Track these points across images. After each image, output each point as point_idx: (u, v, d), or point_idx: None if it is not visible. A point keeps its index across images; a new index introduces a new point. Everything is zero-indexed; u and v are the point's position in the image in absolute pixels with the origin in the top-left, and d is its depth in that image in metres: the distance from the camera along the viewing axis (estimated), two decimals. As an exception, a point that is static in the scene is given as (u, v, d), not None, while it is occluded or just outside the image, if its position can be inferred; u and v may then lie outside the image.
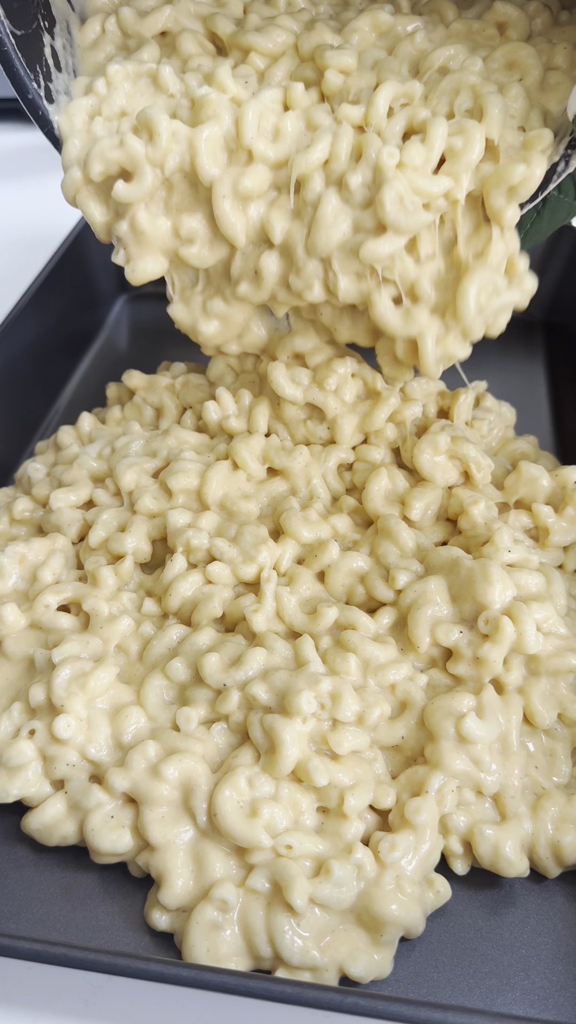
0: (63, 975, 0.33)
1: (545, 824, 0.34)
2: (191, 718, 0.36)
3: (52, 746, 0.35)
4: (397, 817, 0.34)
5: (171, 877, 0.33)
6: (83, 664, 0.37)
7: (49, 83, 0.41)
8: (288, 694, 0.34)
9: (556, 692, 0.37)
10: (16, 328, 0.56)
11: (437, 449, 0.45)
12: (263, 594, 0.39)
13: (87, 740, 0.35)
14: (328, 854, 0.33)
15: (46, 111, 0.40)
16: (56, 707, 0.36)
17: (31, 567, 0.42)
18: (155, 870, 0.33)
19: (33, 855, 0.36)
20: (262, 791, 0.33)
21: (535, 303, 0.67)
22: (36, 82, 0.40)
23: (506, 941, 0.33)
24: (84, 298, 0.66)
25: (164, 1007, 0.32)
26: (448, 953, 0.33)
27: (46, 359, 0.59)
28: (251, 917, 0.32)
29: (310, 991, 0.28)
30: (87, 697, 0.36)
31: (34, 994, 0.33)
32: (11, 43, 0.38)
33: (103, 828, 0.34)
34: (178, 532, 0.42)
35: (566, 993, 0.32)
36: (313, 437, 0.47)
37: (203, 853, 0.33)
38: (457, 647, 0.37)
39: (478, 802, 0.35)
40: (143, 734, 0.36)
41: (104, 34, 0.43)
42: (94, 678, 0.36)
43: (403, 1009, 0.28)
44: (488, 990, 0.32)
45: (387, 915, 0.31)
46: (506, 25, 0.42)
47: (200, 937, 0.31)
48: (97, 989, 0.33)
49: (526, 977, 0.32)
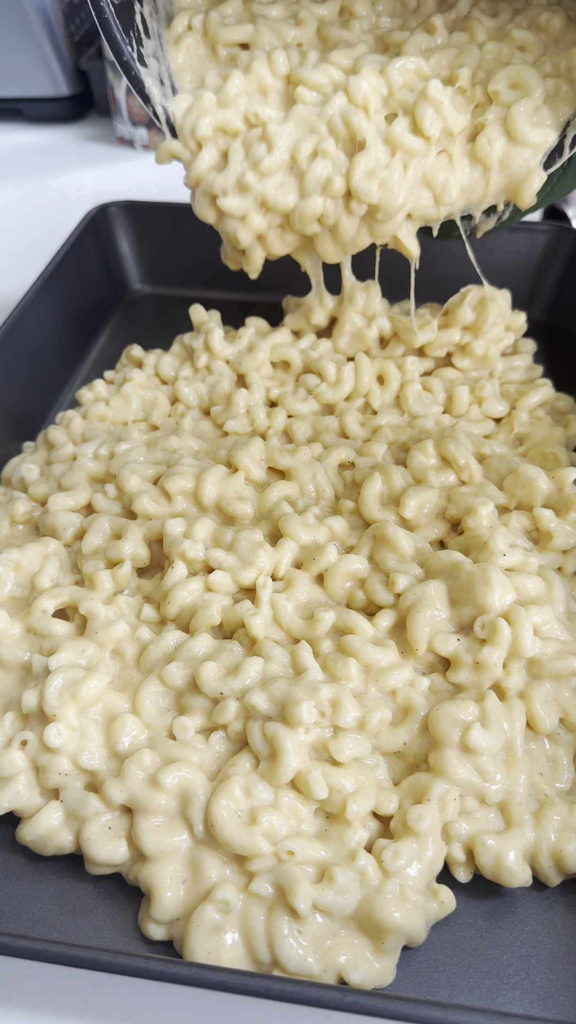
0: (63, 974, 0.33)
1: (548, 832, 0.34)
2: (188, 728, 0.36)
3: (44, 755, 0.35)
4: (399, 824, 0.34)
5: (160, 890, 0.32)
6: (75, 672, 0.36)
7: (140, 48, 0.46)
8: (288, 704, 0.34)
9: (558, 697, 0.37)
10: (17, 328, 0.56)
11: (427, 453, 0.46)
12: (259, 600, 0.39)
13: (79, 748, 0.35)
14: (331, 860, 0.32)
15: (138, 72, 0.45)
16: (48, 716, 0.35)
17: (27, 574, 0.42)
18: (144, 884, 0.33)
19: (29, 864, 0.35)
20: (260, 799, 0.33)
21: (535, 305, 0.67)
22: (130, 46, 0.45)
23: (506, 941, 0.33)
24: (85, 299, 0.66)
25: (164, 1006, 0.32)
26: (448, 952, 0.33)
27: (47, 360, 0.59)
28: (252, 921, 0.32)
29: (310, 990, 0.28)
30: (79, 707, 0.36)
31: (34, 993, 0.33)
32: (111, 11, 0.43)
33: (100, 838, 0.34)
34: (174, 543, 0.42)
35: (566, 993, 0.32)
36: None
37: (200, 860, 0.33)
38: (456, 655, 0.37)
39: (481, 810, 0.35)
40: (139, 743, 0.36)
41: (190, 29, 0.48)
42: (86, 687, 0.36)
43: (403, 1008, 0.28)
44: (488, 989, 0.32)
45: (389, 922, 0.31)
46: (524, 47, 0.46)
47: (201, 940, 0.31)
48: (97, 988, 0.33)
49: (526, 977, 0.32)
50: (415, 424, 0.52)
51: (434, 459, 0.46)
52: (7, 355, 0.54)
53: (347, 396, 0.54)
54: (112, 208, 0.69)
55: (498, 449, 0.50)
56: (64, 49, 0.95)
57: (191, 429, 0.52)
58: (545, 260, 0.67)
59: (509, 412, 0.54)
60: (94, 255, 0.68)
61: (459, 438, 0.47)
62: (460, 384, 0.54)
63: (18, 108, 1.01)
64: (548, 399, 0.53)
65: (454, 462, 0.46)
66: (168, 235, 0.70)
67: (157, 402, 0.55)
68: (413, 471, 0.46)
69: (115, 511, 0.45)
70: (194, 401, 0.55)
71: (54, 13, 0.93)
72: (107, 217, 0.69)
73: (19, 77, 0.96)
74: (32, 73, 0.95)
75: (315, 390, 0.54)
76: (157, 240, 0.70)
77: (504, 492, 0.45)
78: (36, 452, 0.52)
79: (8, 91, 0.98)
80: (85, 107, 1.03)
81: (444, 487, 0.45)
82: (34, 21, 0.90)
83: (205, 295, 0.70)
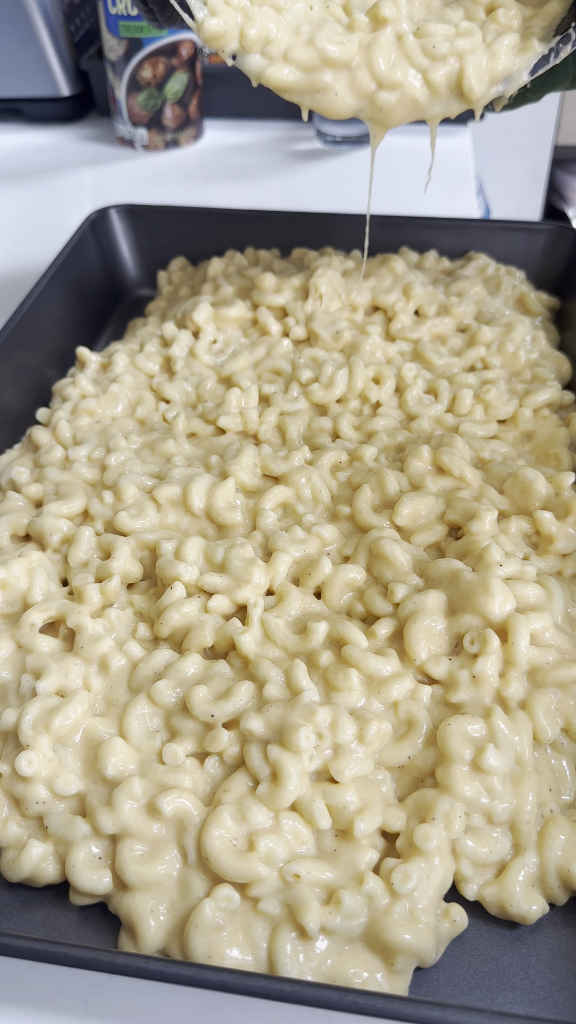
0: (63, 974, 0.33)
1: (555, 852, 0.33)
2: (178, 755, 0.35)
3: (18, 785, 0.34)
4: (406, 843, 0.33)
5: (143, 924, 0.32)
6: (52, 701, 0.36)
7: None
8: (285, 731, 0.34)
9: (562, 706, 0.37)
10: (17, 330, 0.56)
11: (423, 459, 0.46)
12: (249, 619, 0.39)
13: (53, 775, 0.34)
14: (338, 883, 0.32)
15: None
16: (22, 744, 0.35)
17: (13, 591, 0.41)
18: (124, 916, 0.32)
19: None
20: (258, 822, 0.33)
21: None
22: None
23: (506, 940, 0.33)
24: (85, 302, 0.66)
25: (164, 1007, 0.32)
26: (448, 952, 0.33)
27: (47, 361, 0.59)
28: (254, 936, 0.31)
29: (310, 989, 0.28)
30: (52, 738, 0.35)
31: (34, 993, 0.33)
32: None
33: (85, 866, 0.33)
34: (167, 566, 0.41)
35: (566, 993, 0.31)
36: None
37: (189, 882, 0.32)
38: (451, 674, 0.37)
39: (488, 828, 0.34)
40: (127, 767, 0.35)
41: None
42: (62, 716, 0.35)
43: (403, 1008, 0.28)
44: (488, 989, 0.32)
45: (400, 944, 0.30)
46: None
47: (201, 939, 0.31)
48: (97, 989, 0.33)
49: (526, 977, 0.32)
50: (411, 427, 0.51)
51: (431, 464, 0.46)
52: (7, 356, 0.54)
53: (339, 398, 0.53)
54: (112, 211, 0.69)
55: (502, 449, 0.50)
56: (64, 49, 0.95)
57: (184, 429, 0.52)
58: (545, 260, 0.67)
59: (515, 410, 0.53)
60: (94, 258, 0.68)
61: (456, 444, 0.47)
62: (465, 387, 0.53)
63: (18, 108, 1.01)
64: (555, 399, 0.53)
65: (449, 472, 0.45)
66: (168, 238, 0.70)
67: (143, 398, 0.55)
68: (410, 476, 0.46)
69: (109, 516, 0.45)
70: (180, 398, 0.55)
71: (54, 13, 0.93)
72: (107, 220, 0.69)
73: (19, 77, 0.96)
74: (32, 73, 0.95)
75: (307, 388, 0.54)
76: (157, 243, 0.70)
77: (504, 495, 0.45)
78: (23, 455, 0.52)
79: (8, 91, 0.98)
80: (85, 107, 1.03)
81: (443, 492, 0.45)
82: (34, 21, 0.90)
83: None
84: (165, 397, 0.55)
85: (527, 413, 0.52)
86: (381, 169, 0.65)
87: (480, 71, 0.45)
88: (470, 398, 0.52)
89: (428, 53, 0.45)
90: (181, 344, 0.58)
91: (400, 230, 0.68)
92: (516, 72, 0.46)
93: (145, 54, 0.87)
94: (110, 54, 0.88)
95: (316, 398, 0.53)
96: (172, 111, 0.92)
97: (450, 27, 0.45)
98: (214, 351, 0.58)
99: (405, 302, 0.60)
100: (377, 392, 0.53)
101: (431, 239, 0.68)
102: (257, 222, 0.70)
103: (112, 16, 0.85)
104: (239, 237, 0.70)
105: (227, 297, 0.61)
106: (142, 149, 0.95)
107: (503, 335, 0.57)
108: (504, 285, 0.63)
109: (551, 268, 0.66)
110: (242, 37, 0.44)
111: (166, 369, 0.58)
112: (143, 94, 0.90)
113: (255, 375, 0.56)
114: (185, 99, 0.92)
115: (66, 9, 0.96)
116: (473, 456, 0.48)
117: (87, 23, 1.02)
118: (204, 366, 0.57)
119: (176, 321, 0.60)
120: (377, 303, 0.60)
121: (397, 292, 0.60)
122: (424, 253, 0.67)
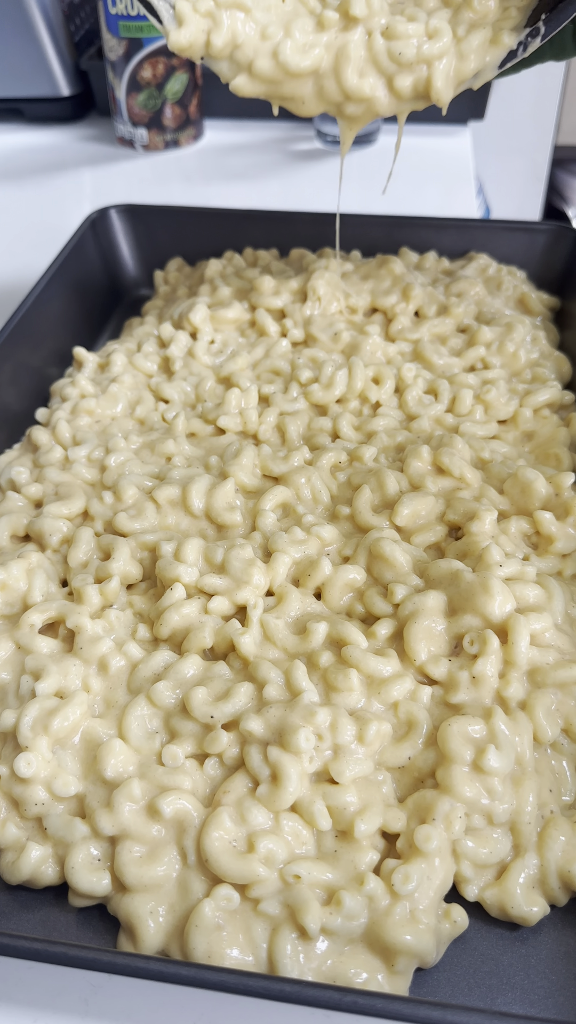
0: (63, 975, 0.33)
1: (555, 853, 0.33)
2: (177, 756, 0.35)
3: (17, 786, 0.34)
4: (406, 844, 0.33)
5: (142, 926, 0.32)
6: (51, 703, 0.36)
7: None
8: (285, 732, 0.34)
9: (562, 706, 0.37)
10: (17, 330, 0.56)
11: (423, 459, 0.46)
12: (249, 620, 0.39)
13: (52, 776, 0.34)
14: (338, 884, 0.32)
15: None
16: (21, 746, 0.35)
17: (14, 592, 0.41)
18: (124, 918, 0.32)
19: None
20: (257, 823, 0.33)
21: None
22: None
23: (506, 940, 0.33)
24: (85, 302, 0.66)
25: (164, 1007, 0.32)
26: (448, 952, 0.33)
27: (48, 360, 0.59)
28: (255, 936, 0.31)
29: (310, 989, 0.28)
30: (51, 739, 0.35)
31: (34, 994, 0.33)
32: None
33: (84, 868, 0.33)
34: (167, 567, 0.41)
35: (566, 993, 0.31)
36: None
37: (189, 883, 0.32)
38: (450, 675, 0.37)
39: (488, 828, 0.34)
40: (126, 768, 0.35)
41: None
42: (61, 717, 0.35)
43: (403, 1008, 0.28)
44: (488, 989, 0.32)
45: (400, 944, 0.30)
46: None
47: (201, 939, 0.31)
48: (97, 989, 0.33)
49: (526, 977, 0.32)
50: (411, 427, 0.51)
51: (431, 465, 0.46)
52: (7, 356, 0.54)
53: (339, 399, 0.53)
54: (112, 211, 0.69)
55: (502, 449, 0.50)
56: (64, 49, 0.95)
57: (183, 429, 0.52)
58: (545, 260, 0.67)
59: (515, 411, 0.53)
60: (94, 258, 0.68)
61: (456, 445, 0.47)
62: (465, 387, 0.53)
63: (18, 108, 1.01)
64: (555, 399, 0.53)
65: (449, 473, 0.45)
66: (168, 238, 0.70)
67: (143, 398, 0.55)
68: (410, 476, 0.46)
69: (109, 517, 0.45)
70: (180, 398, 0.55)
71: (54, 13, 0.93)
72: (107, 220, 0.69)
73: (19, 77, 0.96)
74: (32, 73, 0.95)
75: (307, 388, 0.54)
76: (157, 243, 0.70)
77: (504, 496, 0.45)
78: (23, 455, 0.52)
79: (8, 91, 0.98)
80: (85, 107, 1.03)
81: (442, 492, 0.45)
82: (34, 21, 0.90)
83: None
84: (164, 397, 0.55)
85: (527, 413, 0.52)
86: (381, 169, 0.65)
87: (448, 78, 0.45)
88: (470, 398, 0.52)
89: (395, 59, 0.45)
90: (179, 344, 0.58)
91: (400, 230, 0.68)
92: (484, 70, 0.46)
93: (145, 54, 0.87)
94: (110, 54, 0.88)
95: (316, 398, 0.53)
96: (172, 111, 0.92)
97: (420, 26, 0.45)
98: (212, 351, 0.58)
99: (405, 304, 0.60)
100: (377, 392, 0.53)
101: (431, 239, 0.68)
102: (257, 222, 0.70)
103: (112, 16, 0.85)
104: (239, 237, 0.70)
105: (224, 298, 0.61)
106: (142, 149, 0.95)
107: (503, 335, 0.57)
108: (505, 285, 0.63)
109: (551, 268, 0.67)
110: (208, 47, 0.44)
111: (164, 369, 0.58)
112: (143, 94, 0.90)
113: (254, 375, 0.56)
114: (185, 99, 0.92)
115: (66, 9, 0.96)
116: (473, 456, 0.48)
117: (87, 23, 1.02)
118: (203, 366, 0.57)
119: (173, 322, 0.60)
120: (376, 305, 0.60)
121: (396, 294, 0.60)
122: (424, 253, 0.67)
